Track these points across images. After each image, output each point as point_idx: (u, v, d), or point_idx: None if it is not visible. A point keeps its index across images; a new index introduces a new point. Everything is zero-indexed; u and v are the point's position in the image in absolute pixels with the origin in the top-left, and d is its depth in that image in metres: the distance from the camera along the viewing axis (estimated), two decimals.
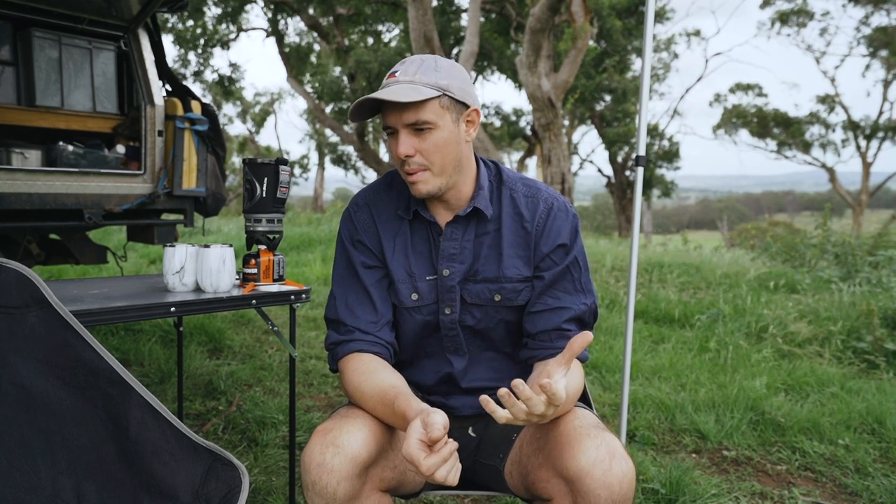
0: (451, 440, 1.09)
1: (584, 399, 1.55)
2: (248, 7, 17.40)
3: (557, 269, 1.42)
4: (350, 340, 1.41)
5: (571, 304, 1.42)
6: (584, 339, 1.11)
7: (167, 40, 17.29)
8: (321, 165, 30.00)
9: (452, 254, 1.44)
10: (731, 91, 26.01)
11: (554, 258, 1.43)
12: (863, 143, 23.91)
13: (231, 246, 1.95)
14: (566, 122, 20.79)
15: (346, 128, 19.11)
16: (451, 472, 1.07)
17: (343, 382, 1.39)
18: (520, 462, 1.34)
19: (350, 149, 24.29)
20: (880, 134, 23.35)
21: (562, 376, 1.13)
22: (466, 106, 1.37)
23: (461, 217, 1.43)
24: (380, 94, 1.29)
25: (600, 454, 1.14)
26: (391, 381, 1.30)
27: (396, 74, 1.34)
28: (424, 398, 1.53)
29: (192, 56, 18.31)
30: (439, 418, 1.09)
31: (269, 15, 17.73)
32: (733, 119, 25.56)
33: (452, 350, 1.49)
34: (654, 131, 22.47)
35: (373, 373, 1.33)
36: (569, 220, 1.44)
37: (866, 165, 23.82)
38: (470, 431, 1.53)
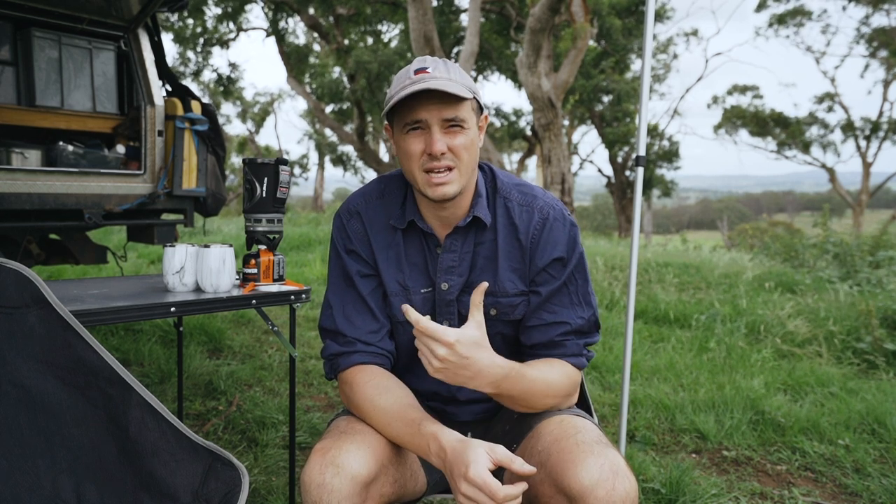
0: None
1: (584, 405, 1.54)
2: (248, 7, 17.40)
3: (554, 284, 1.38)
4: (353, 352, 1.38)
5: (568, 318, 1.38)
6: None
7: (166, 39, 17.29)
8: (321, 165, 30.02)
9: (451, 266, 1.40)
10: (729, 93, 26.04)
11: (551, 272, 1.38)
12: (862, 143, 23.92)
13: (231, 246, 1.95)
14: (566, 122, 20.80)
15: (345, 128, 19.10)
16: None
17: (348, 394, 1.36)
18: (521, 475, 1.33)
19: (350, 149, 24.30)
20: (880, 134, 23.35)
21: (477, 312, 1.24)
22: (481, 111, 1.37)
23: (461, 228, 1.38)
24: (432, 84, 1.23)
25: (604, 473, 1.12)
26: (409, 401, 1.29)
27: (428, 70, 1.28)
28: (423, 403, 1.52)
29: (191, 55, 18.32)
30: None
31: (270, 15, 17.72)
32: (733, 119, 25.56)
33: None
34: (654, 131, 22.46)
35: (387, 389, 1.31)
36: (566, 231, 1.38)
37: (866, 165, 23.82)
38: (469, 436, 1.52)
